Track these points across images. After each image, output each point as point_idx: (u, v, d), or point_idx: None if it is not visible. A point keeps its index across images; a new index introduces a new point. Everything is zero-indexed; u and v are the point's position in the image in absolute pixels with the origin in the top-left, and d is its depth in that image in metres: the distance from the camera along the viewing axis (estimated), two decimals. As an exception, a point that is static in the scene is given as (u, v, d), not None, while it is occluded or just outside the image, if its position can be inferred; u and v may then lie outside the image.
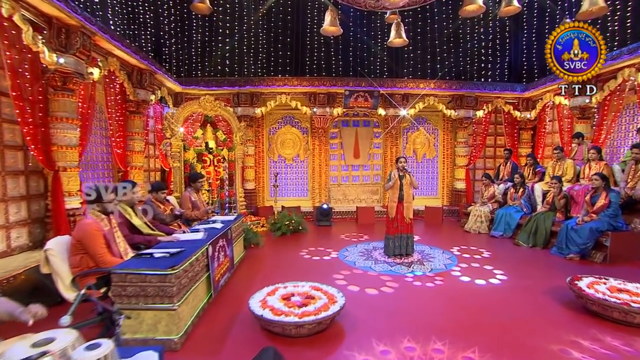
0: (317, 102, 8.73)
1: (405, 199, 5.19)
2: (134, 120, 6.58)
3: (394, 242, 5.25)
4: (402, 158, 5.26)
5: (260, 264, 4.96)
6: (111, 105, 5.97)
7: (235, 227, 4.85)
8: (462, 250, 5.68)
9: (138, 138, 6.67)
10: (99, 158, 6.06)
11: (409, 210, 5.20)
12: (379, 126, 9.55)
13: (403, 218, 5.22)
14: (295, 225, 7.06)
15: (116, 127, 6.13)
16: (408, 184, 5.20)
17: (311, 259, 5.22)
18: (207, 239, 3.60)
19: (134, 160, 6.60)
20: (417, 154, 9.67)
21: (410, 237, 5.28)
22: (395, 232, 5.24)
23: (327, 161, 9.41)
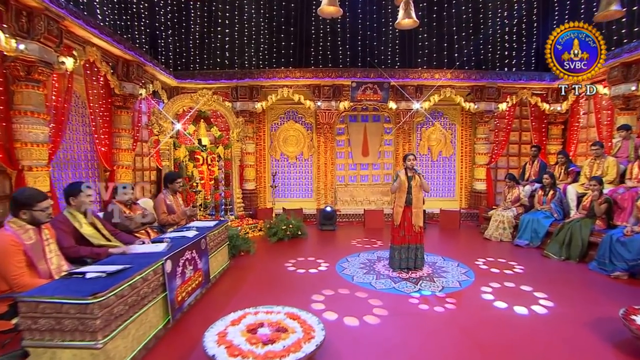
0: (321, 96, 8.08)
1: (414, 204, 4.48)
2: (120, 115, 6.15)
3: (400, 253, 4.55)
4: (410, 155, 4.54)
5: (244, 277, 4.37)
6: (94, 99, 5.55)
7: (216, 234, 4.29)
8: (488, 264, 4.87)
9: (126, 135, 6.24)
10: (81, 156, 5.65)
11: (418, 216, 4.48)
12: (390, 121, 8.81)
13: (411, 226, 4.50)
14: (294, 229, 6.45)
15: (100, 123, 5.70)
16: (418, 186, 4.48)
17: (305, 271, 4.58)
18: (167, 252, 3.03)
19: (121, 158, 6.17)
20: (432, 152, 8.86)
21: (419, 248, 4.56)
22: (402, 242, 4.54)
23: (333, 159, 8.75)
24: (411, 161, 4.49)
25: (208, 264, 3.87)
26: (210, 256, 4.04)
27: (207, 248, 3.84)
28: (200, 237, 3.73)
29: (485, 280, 4.19)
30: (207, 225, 4.25)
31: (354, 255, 5.33)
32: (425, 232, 7.04)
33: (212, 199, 7.09)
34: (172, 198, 4.37)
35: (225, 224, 4.68)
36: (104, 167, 5.99)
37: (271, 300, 3.46)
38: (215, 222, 4.47)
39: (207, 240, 3.88)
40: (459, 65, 8.46)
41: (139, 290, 2.51)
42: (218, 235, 4.35)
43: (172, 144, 6.37)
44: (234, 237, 5.27)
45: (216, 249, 4.28)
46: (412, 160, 4.48)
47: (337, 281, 4.19)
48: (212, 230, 4.16)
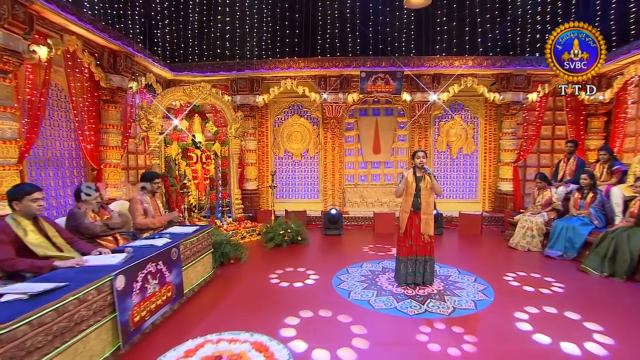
0: (328, 87, 7.63)
1: (423, 209, 3.95)
2: (108, 110, 5.92)
3: (407, 266, 4.04)
4: (420, 152, 4.02)
5: (226, 290, 4.00)
6: (77, 92, 5.33)
7: (195, 241, 3.93)
8: (519, 280, 4.26)
9: (114, 131, 6.01)
10: (64, 154, 5.45)
11: (427, 224, 3.95)
12: (404, 115, 8.24)
13: (419, 235, 3.98)
14: (292, 234, 6.04)
15: (85, 118, 5.49)
16: (428, 188, 3.96)
17: (289, 285, 4.15)
18: (121, 265, 2.68)
19: (109, 156, 5.96)
20: (451, 148, 8.23)
21: (429, 261, 4.04)
22: (408, 254, 4.03)
23: (341, 157, 8.28)
24: (420, 159, 3.96)
25: (181, 277, 3.52)
26: (186, 267, 3.69)
27: (179, 258, 3.49)
28: (171, 246, 3.37)
29: (513, 301, 3.61)
30: (184, 232, 3.90)
31: (356, 266, 4.86)
32: (442, 238, 6.56)
33: (207, 200, 6.80)
34: (149, 200, 4.05)
35: (208, 229, 4.32)
36: (91, 165, 5.79)
37: (242, 322, 3.07)
38: (196, 228, 4.11)
39: (180, 250, 3.53)
40: (482, 51, 7.79)
41: (73, 314, 2.17)
42: (198, 242, 4.00)
43: (162, 140, 6.09)
44: (222, 243, 4.93)
45: (195, 258, 3.92)
46: (421, 157, 3.96)
47: (327, 298, 3.74)
48: (189, 238, 3.81)
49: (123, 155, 6.42)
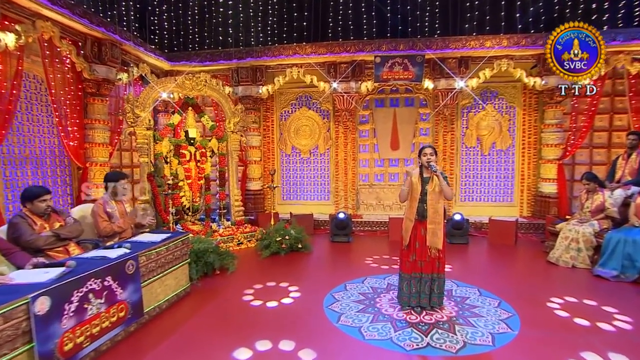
0: (338, 75, 7.14)
1: (429, 217, 3.41)
2: (93, 104, 5.79)
3: (410, 285, 3.51)
4: (427, 148, 3.48)
5: (197, 309, 3.67)
6: (57, 84, 5.21)
7: (164, 251, 3.62)
8: (566, 307, 3.58)
9: (100, 127, 5.88)
10: (45, 152, 5.36)
11: (435, 235, 3.40)
12: (427, 105, 7.59)
13: (425, 248, 3.44)
14: (291, 241, 5.64)
15: (66, 112, 5.37)
16: (436, 192, 3.41)
17: (262, 303, 3.75)
18: (50, 284, 2.39)
19: (95, 154, 5.83)
20: (482, 143, 7.48)
21: (437, 280, 3.48)
22: (412, 270, 3.51)
23: (355, 154, 7.78)
24: (427, 156, 3.42)
25: (140, 293, 3.20)
26: (149, 281, 3.39)
27: (137, 272, 3.17)
28: (126, 258, 3.06)
29: (551, 338, 3.00)
30: (150, 240, 3.59)
31: (357, 281, 4.38)
32: (467, 248, 5.90)
33: (202, 202, 6.55)
34: (114, 204, 3.79)
35: (182, 237, 4.00)
36: (77, 164, 5.68)
37: (195, 351, 2.72)
38: (166, 236, 3.80)
39: (139, 262, 3.22)
40: (521, 28, 6.97)
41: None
42: (167, 252, 3.68)
43: (151, 136, 5.87)
44: (206, 252, 4.61)
45: (164, 270, 3.61)
46: (428, 154, 3.42)
47: (310, 322, 3.30)
48: (156, 247, 3.49)
49: (113, 153, 6.29)
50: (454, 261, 5.11)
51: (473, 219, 7.00)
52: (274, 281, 4.37)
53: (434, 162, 3.40)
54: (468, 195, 7.58)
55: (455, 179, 7.54)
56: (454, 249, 5.90)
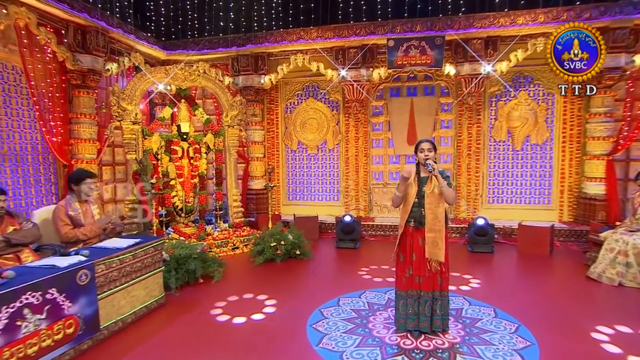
0: (347, 62, 6.81)
1: (428, 224, 3.04)
2: (79, 97, 5.76)
3: (407, 305, 3.16)
4: (424, 143, 3.13)
5: (165, 323, 3.48)
6: (37, 75, 5.21)
7: (131, 257, 3.46)
8: (614, 339, 3.06)
9: (87, 121, 5.85)
10: (27, 148, 5.38)
11: (435, 246, 3.03)
12: (449, 94, 7.12)
13: (423, 261, 3.09)
14: (288, 247, 5.40)
15: (48, 106, 5.36)
16: (435, 194, 3.04)
17: (229, 319, 3.52)
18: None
19: (81, 150, 5.80)
20: (514, 137, 6.92)
21: (439, 300, 3.10)
22: (408, 287, 3.15)
23: (367, 150, 7.43)
24: (425, 152, 3.07)
25: (96, 306, 3.04)
26: (109, 292, 3.22)
27: (92, 283, 3.01)
28: (78, 267, 2.91)
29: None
30: (115, 247, 3.44)
31: (354, 295, 4.07)
32: (491, 258, 5.41)
33: (196, 202, 6.42)
34: (78, 206, 3.67)
35: (155, 242, 3.83)
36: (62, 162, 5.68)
37: None
38: (135, 241, 3.64)
39: (96, 271, 3.06)
40: (560, 1, 6.35)
41: None
42: (135, 259, 3.51)
43: (139, 131, 5.79)
44: (188, 258, 4.44)
45: (131, 279, 3.44)
46: (426, 150, 3.07)
47: (284, 344, 3.02)
48: (119, 255, 3.33)
49: (103, 149, 6.27)
50: (471, 273, 4.68)
51: (502, 224, 6.49)
52: (259, 293, 4.12)
53: (432, 159, 3.04)
54: (496, 197, 7.04)
55: (482, 178, 7.03)
56: (476, 259, 5.45)
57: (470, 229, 5.78)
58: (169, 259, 4.36)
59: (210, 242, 5.85)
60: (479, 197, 6.98)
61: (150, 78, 5.89)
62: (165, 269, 4.30)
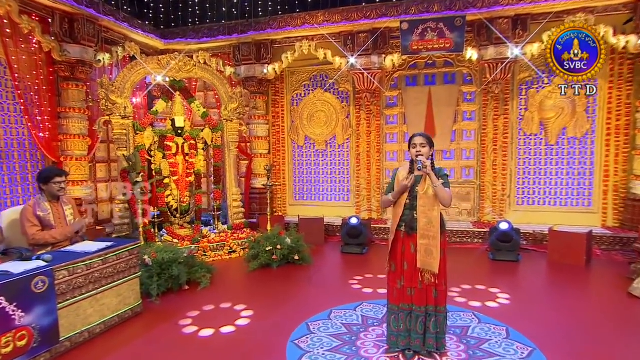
0: (356, 48, 6.57)
1: (420, 229, 2.79)
2: (67, 90, 5.81)
3: (398, 320, 2.92)
4: (417, 137, 2.86)
5: (134, 335, 3.39)
6: (23, 67, 5.27)
7: (101, 262, 3.38)
8: None
9: (76, 115, 5.89)
10: (13, 144, 5.46)
11: (429, 254, 2.78)
12: (472, 82, 6.73)
13: (415, 272, 2.84)
14: (285, 252, 5.23)
15: (34, 99, 5.43)
16: (430, 196, 2.79)
17: (196, 330, 3.41)
18: None
19: (70, 147, 5.85)
20: (547, 130, 6.45)
21: (433, 316, 2.83)
22: (400, 301, 2.92)
23: (380, 145, 7.16)
24: (417, 148, 2.82)
25: (55, 316, 2.97)
26: (76, 300, 3.14)
27: (51, 290, 2.94)
28: (33, 274, 2.84)
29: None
30: (84, 251, 3.37)
31: (348, 307, 3.85)
32: (516, 268, 5.02)
33: (191, 202, 6.35)
34: (48, 206, 3.63)
35: (131, 246, 3.75)
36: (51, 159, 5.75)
37: None
38: (106, 245, 3.56)
39: (54, 278, 2.98)
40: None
41: None
42: (106, 264, 3.43)
43: (130, 126, 5.78)
44: (172, 263, 4.36)
45: (98, 286, 3.36)
46: (418, 146, 2.82)
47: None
48: (85, 260, 3.26)
49: (96, 145, 6.32)
50: (486, 284, 4.36)
51: (532, 229, 6.08)
52: (241, 302, 3.98)
53: (426, 156, 2.79)
54: (526, 198, 6.59)
55: (510, 177, 6.60)
56: (496, 268, 5.10)
57: (492, 234, 5.42)
58: (152, 263, 4.31)
59: (204, 246, 5.78)
60: (505, 198, 6.57)
61: (142, 69, 5.88)
62: (147, 275, 4.25)
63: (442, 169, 2.92)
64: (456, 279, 4.37)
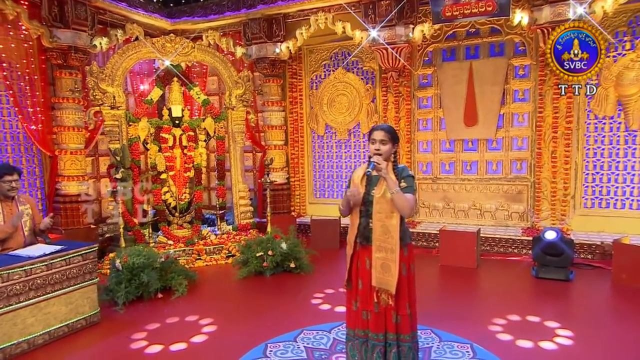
0: (377, 19, 6.18)
1: (375, 240, 2.53)
2: (61, 78, 6.10)
3: (354, 349, 2.66)
4: (377, 131, 2.59)
5: (84, 347, 3.47)
6: (11, 56, 5.61)
7: (45, 268, 3.47)
8: None
9: (71, 106, 6.16)
10: (7, 138, 5.84)
11: (385, 270, 2.50)
12: (525, 52, 6.03)
13: (370, 291, 2.55)
14: (279, 259, 5.08)
15: (25, 90, 5.77)
16: (387, 200, 2.49)
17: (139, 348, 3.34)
18: None
19: (65, 139, 6.13)
20: (627, 111, 5.57)
21: (393, 346, 2.53)
22: (355, 325, 2.66)
23: (410, 134, 6.72)
24: (376, 144, 2.52)
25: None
26: (12, 308, 3.26)
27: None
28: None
29: None
30: (27, 255, 3.46)
31: (324, 327, 3.62)
32: (566, 289, 4.38)
33: (189, 200, 6.41)
34: (0, 205, 3.80)
35: (82, 250, 3.81)
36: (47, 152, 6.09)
37: None
38: (56, 249, 3.64)
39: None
40: None
41: None
42: (53, 270, 3.53)
43: (123, 117, 5.95)
44: (145, 268, 4.40)
45: (42, 294, 3.46)
46: (377, 142, 2.53)
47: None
48: (24, 265, 3.33)
49: (95, 137, 6.60)
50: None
51: (601, 239, 5.34)
52: (207, 316, 3.96)
53: (386, 154, 2.49)
54: (598, 199, 5.78)
55: (575, 172, 5.83)
56: (536, 288, 4.57)
57: (535, 245, 4.81)
58: (122, 268, 4.38)
59: (199, 248, 5.82)
60: (568, 199, 5.82)
61: (134, 54, 6.03)
62: (115, 281, 4.35)
63: (406, 168, 2.63)
64: (484, 302, 3.94)
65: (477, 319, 3.76)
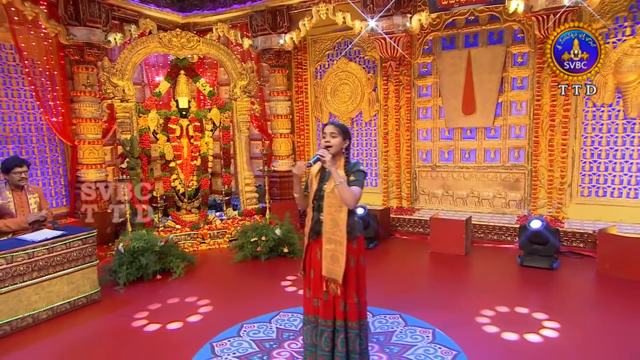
0: (375, 9, 6.12)
1: (325, 232, 2.61)
2: (78, 73, 6.39)
3: (310, 335, 2.78)
4: (329, 126, 2.66)
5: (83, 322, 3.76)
6: (33, 53, 5.92)
7: (45, 251, 3.75)
8: None
9: (88, 99, 6.46)
10: (31, 129, 6.21)
11: (334, 261, 2.58)
12: (524, 40, 5.85)
13: (320, 280, 2.65)
14: (272, 244, 5.24)
15: (46, 85, 6.08)
16: (337, 195, 2.56)
17: (141, 324, 3.57)
18: None
19: (84, 130, 6.45)
20: (626, 98, 5.34)
21: (341, 332, 2.61)
22: (308, 311, 2.78)
23: (410, 122, 6.68)
24: (326, 138, 2.60)
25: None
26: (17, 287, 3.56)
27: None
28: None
29: None
30: (31, 239, 3.75)
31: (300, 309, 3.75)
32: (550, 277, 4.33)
33: (197, 187, 6.63)
34: (9, 194, 4.09)
35: (82, 235, 4.08)
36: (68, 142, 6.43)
37: None
38: (56, 234, 3.91)
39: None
40: None
41: None
42: (54, 253, 3.81)
43: (133, 109, 6.19)
44: (145, 251, 4.65)
45: (44, 274, 3.75)
46: (328, 135, 2.62)
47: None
48: (27, 248, 3.63)
49: (112, 128, 6.88)
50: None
51: (595, 228, 5.21)
52: (205, 297, 4.18)
53: (336, 147, 2.59)
54: (595, 188, 5.62)
55: (573, 160, 5.67)
56: (524, 276, 4.53)
57: (522, 234, 4.76)
58: (124, 251, 4.65)
59: (203, 233, 6.05)
60: (565, 188, 5.68)
61: (142, 49, 6.22)
62: (118, 263, 4.62)
63: (358, 163, 2.69)
64: (462, 289, 4.00)
65: (450, 305, 3.81)
